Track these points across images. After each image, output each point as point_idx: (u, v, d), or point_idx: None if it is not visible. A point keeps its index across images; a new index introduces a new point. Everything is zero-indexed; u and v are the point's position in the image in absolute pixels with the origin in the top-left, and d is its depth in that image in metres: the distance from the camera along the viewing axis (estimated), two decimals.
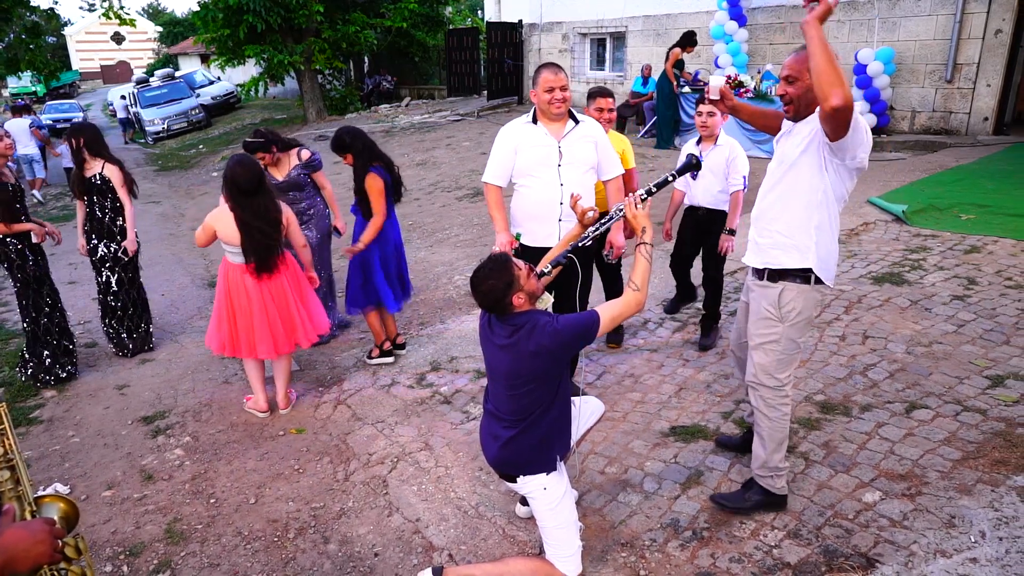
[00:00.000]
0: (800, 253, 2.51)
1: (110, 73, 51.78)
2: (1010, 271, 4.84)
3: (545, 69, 3.21)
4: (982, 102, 9.08)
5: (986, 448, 3.00)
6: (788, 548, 2.58)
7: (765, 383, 2.64)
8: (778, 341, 2.59)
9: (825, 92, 2.15)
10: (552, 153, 3.27)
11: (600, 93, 3.97)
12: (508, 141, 3.35)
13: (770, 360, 2.62)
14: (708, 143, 4.12)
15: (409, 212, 8.56)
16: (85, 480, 3.44)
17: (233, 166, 3.58)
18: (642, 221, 2.38)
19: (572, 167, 3.29)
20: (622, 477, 3.09)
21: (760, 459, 2.72)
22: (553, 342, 2.21)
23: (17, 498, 1.41)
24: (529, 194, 3.35)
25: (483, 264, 2.29)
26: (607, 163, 3.45)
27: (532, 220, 3.38)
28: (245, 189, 3.56)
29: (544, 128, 3.29)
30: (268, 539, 2.93)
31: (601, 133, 3.44)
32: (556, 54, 15.33)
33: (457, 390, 4.02)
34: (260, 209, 3.61)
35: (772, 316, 2.59)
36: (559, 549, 2.39)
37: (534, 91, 3.27)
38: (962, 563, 2.38)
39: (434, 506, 3.02)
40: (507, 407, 2.35)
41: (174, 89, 22.81)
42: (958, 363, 3.73)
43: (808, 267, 2.51)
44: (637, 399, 3.73)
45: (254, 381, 3.92)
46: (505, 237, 3.37)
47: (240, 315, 3.74)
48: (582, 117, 3.38)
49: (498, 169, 3.40)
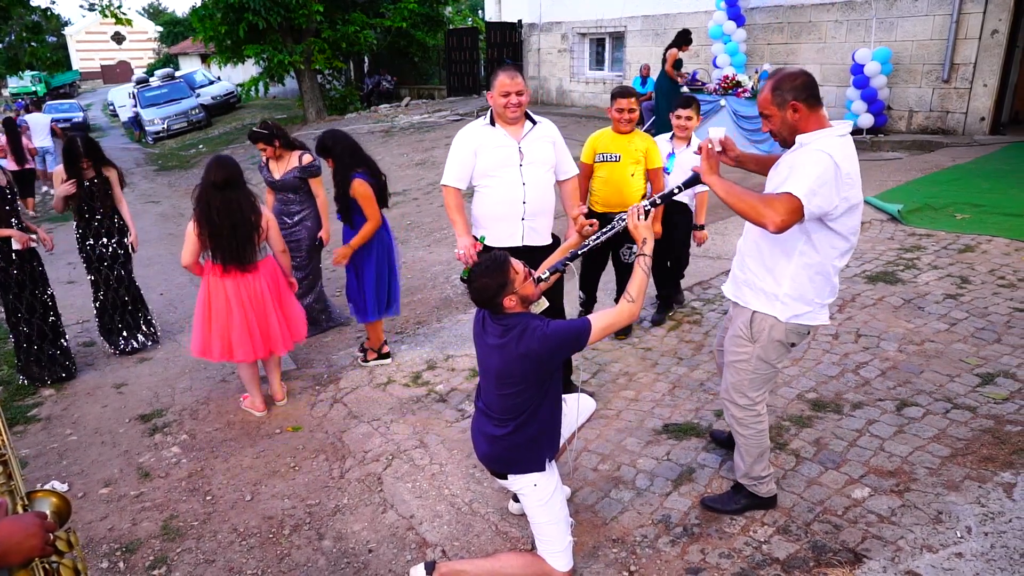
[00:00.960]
0: (767, 298, 2.47)
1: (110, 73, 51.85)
2: (1003, 270, 4.87)
3: (502, 72, 3.23)
4: (979, 102, 9.10)
5: (975, 445, 3.02)
6: (777, 544, 2.60)
7: (736, 401, 2.63)
8: (748, 361, 2.57)
9: (759, 223, 2.22)
10: (513, 154, 3.31)
11: (621, 93, 4.01)
12: (467, 144, 3.36)
13: (741, 379, 2.60)
14: (681, 143, 4.35)
15: (407, 212, 8.60)
16: (82, 478, 3.47)
17: (212, 161, 3.66)
18: (643, 232, 2.39)
19: (533, 167, 3.33)
20: (615, 474, 3.12)
21: (741, 470, 2.74)
22: (542, 347, 2.23)
23: (9, 493, 1.44)
24: (491, 195, 3.37)
25: (482, 260, 2.31)
26: (564, 164, 3.51)
27: (495, 220, 3.40)
28: (215, 182, 3.59)
29: (503, 130, 3.32)
30: (263, 536, 2.95)
31: (558, 134, 3.49)
32: (555, 54, 15.36)
33: (452, 388, 4.04)
34: (231, 205, 3.61)
35: (743, 336, 2.56)
36: (550, 544, 2.42)
37: (490, 93, 3.29)
38: (948, 558, 2.41)
39: (428, 503, 3.05)
40: (497, 406, 2.38)
41: (174, 89, 22.84)
42: (949, 361, 3.76)
43: (772, 314, 2.46)
44: (631, 397, 3.76)
45: (248, 381, 3.95)
46: (468, 240, 3.38)
47: (216, 318, 3.73)
48: (539, 118, 3.42)
49: (458, 171, 3.40)
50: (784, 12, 10.76)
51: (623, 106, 3.97)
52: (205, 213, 3.58)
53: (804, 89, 2.29)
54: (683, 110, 4.27)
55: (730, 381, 2.64)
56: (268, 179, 4.73)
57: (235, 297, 3.71)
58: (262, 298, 3.79)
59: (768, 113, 2.37)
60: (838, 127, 2.32)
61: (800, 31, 10.66)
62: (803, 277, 2.40)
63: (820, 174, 2.18)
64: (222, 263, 3.65)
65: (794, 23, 10.70)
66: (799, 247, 2.38)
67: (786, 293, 2.43)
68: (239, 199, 3.65)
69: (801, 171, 2.21)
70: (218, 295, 3.72)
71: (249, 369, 3.91)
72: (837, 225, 2.30)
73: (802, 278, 2.40)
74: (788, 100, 2.30)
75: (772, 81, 2.34)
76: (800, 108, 2.29)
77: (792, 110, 2.30)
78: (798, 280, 2.41)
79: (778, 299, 2.44)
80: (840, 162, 2.21)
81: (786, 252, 2.40)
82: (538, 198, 3.36)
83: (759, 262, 2.49)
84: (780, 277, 2.43)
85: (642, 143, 4.06)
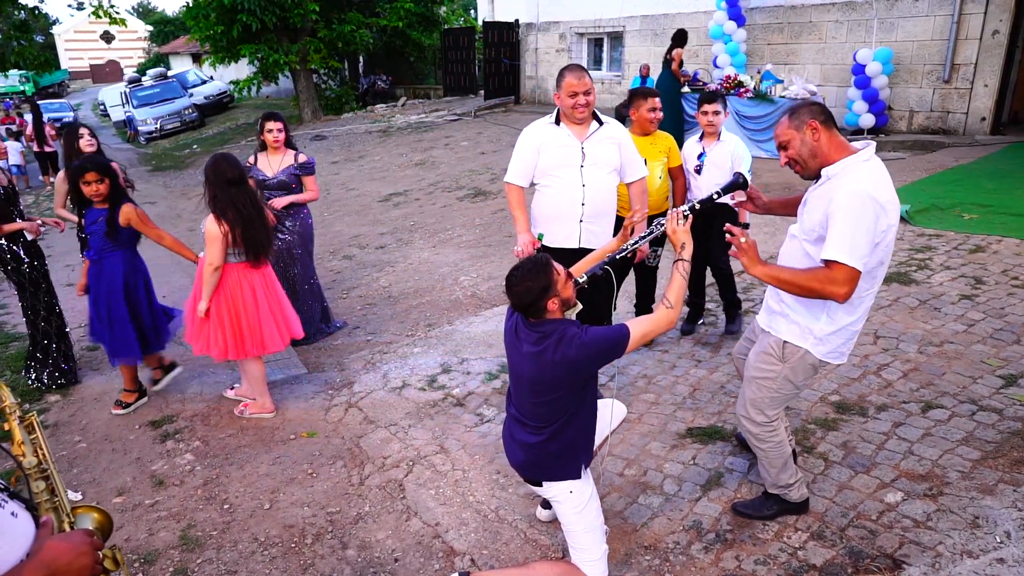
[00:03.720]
0: (800, 331, 2.44)
1: (100, 72, 51.32)
2: (1016, 270, 4.86)
3: (569, 73, 3.19)
4: (979, 102, 9.14)
5: (1005, 448, 3.00)
6: (813, 550, 2.57)
7: (754, 418, 2.59)
8: (774, 380, 2.52)
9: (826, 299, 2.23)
10: (575, 154, 3.25)
11: (649, 94, 3.94)
12: (531, 141, 3.34)
13: (762, 396, 2.55)
14: (711, 140, 4.16)
15: (410, 212, 8.54)
16: (95, 486, 3.39)
17: (217, 161, 3.65)
18: (682, 237, 2.35)
19: (595, 168, 3.27)
20: (641, 479, 3.08)
21: (768, 481, 2.71)
22: (579, 354, 2.17)
23: (54, 509, 1.38)
24: (551, 194, 3.34)
25: (523, 263, 2.26)
26: (630, 166, 3.42)
27: (553, 220, 3.36)
28: (232, 179, 3.60)
29: (567, 129, 3.27)
30: (285, 545, 2.89)
31: (625, 135, 3.42)
32: (553, 53, 15.32)
33: (469, 392, 3.99)
34: (252, 198, 3.71)
35: (773, 354, 2.52)
36: (585, 553, 2.37)
37: (557, 94, 3.24)
38: (989, 564, 2.38)
39: (453, 510, 3.00)
40: (532, 414, 2.32)
41: (167, 88, 22.64)
42: (970, 362, 3.74)
43: (806, 348, 2.43)
44: (651, 400, 3.72)
45: (260, 381, 3.89)
46: (527, 237, 3.36)
47: (247, 314, 3.73)
48: (606, 119, 3.36)
49: (520, 169, 3.37)
50: (784, 12, 10.77)
51: (655, 106, 3.90)
52: (236, 210, 3.58)
53: (821, 112, 2.32)
54: (708, 105, 4.06)
55: (749, 397, 2.59)
56: (260, 178, 4.64)
57: (261, 288, 3.77)
58: (275, 286, 3.89)
59: (787, 139, 2.35)
60: (862, 152, 2.27)
61: (800, 31, 10.67)
62: (840, 312, 2.35)
63: (859, 217, 2.14)
64: (255, 256, 3.69)
65: (794, 23, 10.71)
66: None
67: (822, 328, 2.39)
68: (251, 191, 3.73)
69: (841, 226, 2.15)
70: (245, 290, 3.72)
71: (262, 367, 3.86)
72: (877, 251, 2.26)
73: (839, 313, 2.36)
74: (806, 120, 2.29)
75: (787, 111, 2.38)
76: (819, 128, 2.28)
77: (811, 130, 2.29)
78: (834, 315, 2.37)
79: (812, 334, 2.41)
80: (877, 195, 2.17)
81: None
82: (597, 200, 3.30)
83: (794, 297, 2.42)
84: (818, 314, 2.39)
85: (664, 142, 4.01)
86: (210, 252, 3.59)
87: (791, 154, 2.36)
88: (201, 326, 3.76)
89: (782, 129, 2.36)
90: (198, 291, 3.76)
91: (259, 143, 4.78)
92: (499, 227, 7.40)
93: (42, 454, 1.42)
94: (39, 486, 1.39)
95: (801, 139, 2.31)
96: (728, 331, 4.39)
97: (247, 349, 3.77)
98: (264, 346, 3.79)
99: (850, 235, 2.15)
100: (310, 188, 4.79)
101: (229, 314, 3.72)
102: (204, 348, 3.81)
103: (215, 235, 3.56)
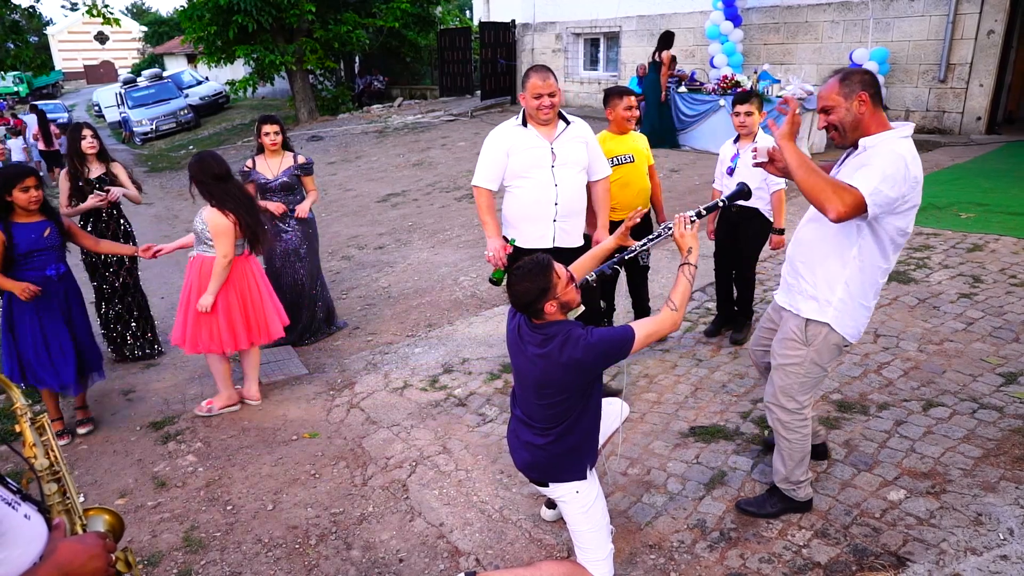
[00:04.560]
0: (819, 305, 2.44)
1: (94, 73, 51.10)
2: (1014, 269, 4.89)
3: (534, 74, 3.19)
4: (975, 102, 9.19)
5: (1006, 445, 3.02)
6: (817, 548, 2.58)
7: (784, 405, 2.58)
8: (801, 364, 2.52)
9: (820, 206, 2.18)
10: (545, 154, 3.27)
11: (624, 92, 3.92)
12: (499, 144, 3.33)
13: (791, 382, 2.55)
14: (747, 141, 4.02)
15: (408, 213, 8.53)
16: (96, 488, 3.38)
17: (202, 158, 3.69)
18: (689, 242, 2.35)
19: (566, 167, 3.30)
20: (645, 478, 3.08)
21: (781, 474, 2.70)
22: (585, 356, 2.17)
23: (66, 512, 1.37)
24: (523, 195, 3.34)
25: (524, 263, 2.25)
26: (596, 164, 3.47)
27: (526, 222, 3.37)
28: (219, 174, 3.65)
29: (535, 130, 3.29)
30: (289, 546, 2.88)
31: (591, 134, 3.45)
32: (550, 54, 15.33)
33: (471, 392, 3.99)
34: (242, 189, 3.81)
35: (797, 338, 2.51)
36: (591, 553, 2.37)
37: (522, 95, 3.26)
38: (993, 560, 2.39)
39: (457, 510, 3.00)
40: (537, 415, 2.32)
41: (162, 89, 22.56)
42: (970, 361, 3.76)
43: (825, 321, 2.43)
44: (653, 399, 3.72)
45: (225, 377, 3.91)
46: (497, 242, 3.36)
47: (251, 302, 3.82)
48: (572, 118, 3.38)
49: (489, 172, 3.37)
50: (780, 12, 10.81)
51: (630, 104, 3.89)
52: (237, 202, 3.64)
53: (873, 84, 2.28)
54: (741, 105, 3.92)
55: (778, 384, 2.59)
56: (260, 181, 4.65)
57: (260, 276, 3.89)
58: (264, 273, 3.99)
59: (832, 104, 2.31)
60: (900, 128, 2.29)
61: (797, 31, 10.71)
62: (856, 282, 2.38)
63: (891, 174, 2.16)
64: (258, 243, 3.78)
65: (790, 23, 10.75)
66: (852, 252, 2.35)
67: (839, 299, 2.40)
68: (239, 183, 3.83)
69: (872, 168, 2.18)
70: (249, 280, 3.80)
71: (227, 361, 3.92)
72: (895, 220, 2.26)
73: (855, 283, 2.38)
74: (857, 91, 2.26)
75: (840, 74, 2.31)
76: (867, 101, 2.26)
77: (859, 101, 2.26)
78: (851, 285, 2.38)
79: (831, 305, 2.42)
80: (910, 164, 2.19)
81: (840, 257, 2.38)
82: (570, 199, 3.32)
83: (811, 268, 2.46)
84: (834, 283, 2.40)
85: (641, 140, 4.01)
86: (222, 245, 3.60)
87: (833, 120, 2.32)
88: (202, 323, 3.75)
89: (830, 93, 2.30)
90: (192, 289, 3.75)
91: (257, 146, 4.78)
92: None
93: (53, 456, 1.42)
94: (51, 488, 1.39)
95: (847, 107, 2.27)
96: (733, 340, 4.27)
97: (252, 338, 3.84)
98: (269, 333, 3.88)
99: (875, 175, 2.15)
100: (310, 188, 4.85)
101: (240, 304, 3.78)
102: (205, 346, 3.79)
103: (224, 227, 3.58)
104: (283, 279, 4.78)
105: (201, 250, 3.75)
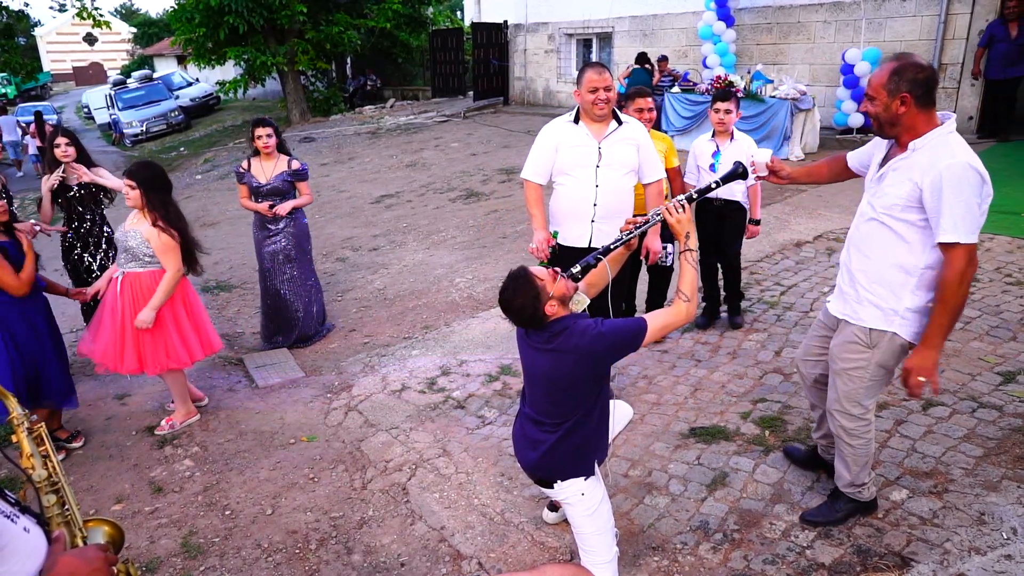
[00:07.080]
0: (883, 314, 2.34)
1: (83, 75, 50.69)
2: (1009, 268, 4.91)
3: (590, 69, 3.17)
4: (966, 101, 9.24)
5: (1007, 444, 3.02)
6: (821, 548, 2.57)
7: (849, 411, 2.48)
8: (866, 368, 2.41)
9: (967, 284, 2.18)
10: (591, 153, 3.25)
11: (642, 93, 3.92)
12: (549, 139, 3.34)
13: (856, 387, 2.44)
14: (723, 138, 4.14)
15: (403, 214, 8.49)
16: (92, 494, 3.34)
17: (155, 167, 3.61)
18: (685, 227, 2.30)
19: (610, 168, 3.27)
20: (646, 480, 3.07)
21: (846, 479, 2.62)
22: (595, 345, 2.16)
23: (66, 523, 1.34)
24: (565, 193, 3.36)
25: (505, 285, 2.23)
26: (648, 166, 3.41)
27: (566, 219, 3.39)
28: (169, 187, 3.60)
29: (586, 128, 3.26)
30: (289, 551, 2.85)
31: (645, 136, 3.41)
32: (542, 54, 15.32)
33: (470, 394, 3.97)
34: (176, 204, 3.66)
35: (861, 342, 2.41)
36: (596, 556, 2.36)
37: (577, 91, 3.23)
38: (998, 560, 2.39)
39: (458, 513, 2.97)
40: (547, 411, 2.31)
41: (152, 91, 22.44)
42: (968, 360, 3.77)
43: (892, 330, 2.33)
44: (653, 400, 3.71)
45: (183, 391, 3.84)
46: (543, 234, 3.38)
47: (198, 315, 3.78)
48: (626, 119, 3.35)
49: (538, 166, 3.39)
50: (773, 13, 10.84)
51: (642, 106, 3.86)
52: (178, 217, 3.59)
53: (922, 85, 2.14)
54: (721, 103, 4.02)
55: (841, 390, 2.48)
56: (253, 184, 4.65)
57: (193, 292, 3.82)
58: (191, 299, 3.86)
59: (875, 96, 2.21)
60: (948, 123, 2.19)
61: (789, 31, 10.74)
62: (924, 288, 2.29)
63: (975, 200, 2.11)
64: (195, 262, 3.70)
65: (783, 23, 10.78)
66: (920, 263, 2.27)
67: (907, 308, 2.31)
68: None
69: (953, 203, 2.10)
70: (186, 291, 3.74)
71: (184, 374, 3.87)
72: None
73: (923, 290, 2.29)
74: (901, 90, 2.15)
75: (895, 64, 2.18)
76: (908, 103, 2.15)
77: (900, 102, 2.16)
78: (919, 293, 2.30)
79: (898, 314, 2.33)
80: (975, 163, 2.12)
81: (905, 267, 2.29)
82: (610, 201, 3.29)
83: (871, 277, 2.36)
84: (901, 292, 2.31)
85: (661, 143, 4.00)
86: (173, 260, 3.52)
87: (871, 110, 2.25)
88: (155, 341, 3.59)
89: (878, 82, 2.20)
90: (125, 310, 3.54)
91: (252, 149, 4.75)
92: (493, 228, 7.38)
93: (52, 466, 1.39)
94: (49, 499, 1.36)
95: (886, 104, 2.18)
96: (732, 324, 4.41)
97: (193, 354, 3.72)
98: (212, 345, 3.82)
99: (963, 211, 2.09)
100: (304, 193, 4.83)
101: (187, 315, 3.71)
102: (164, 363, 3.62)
103: (171, 244, 3.52)
104: (273, 281, 4.77)
105: (132, 267, 3.56)
